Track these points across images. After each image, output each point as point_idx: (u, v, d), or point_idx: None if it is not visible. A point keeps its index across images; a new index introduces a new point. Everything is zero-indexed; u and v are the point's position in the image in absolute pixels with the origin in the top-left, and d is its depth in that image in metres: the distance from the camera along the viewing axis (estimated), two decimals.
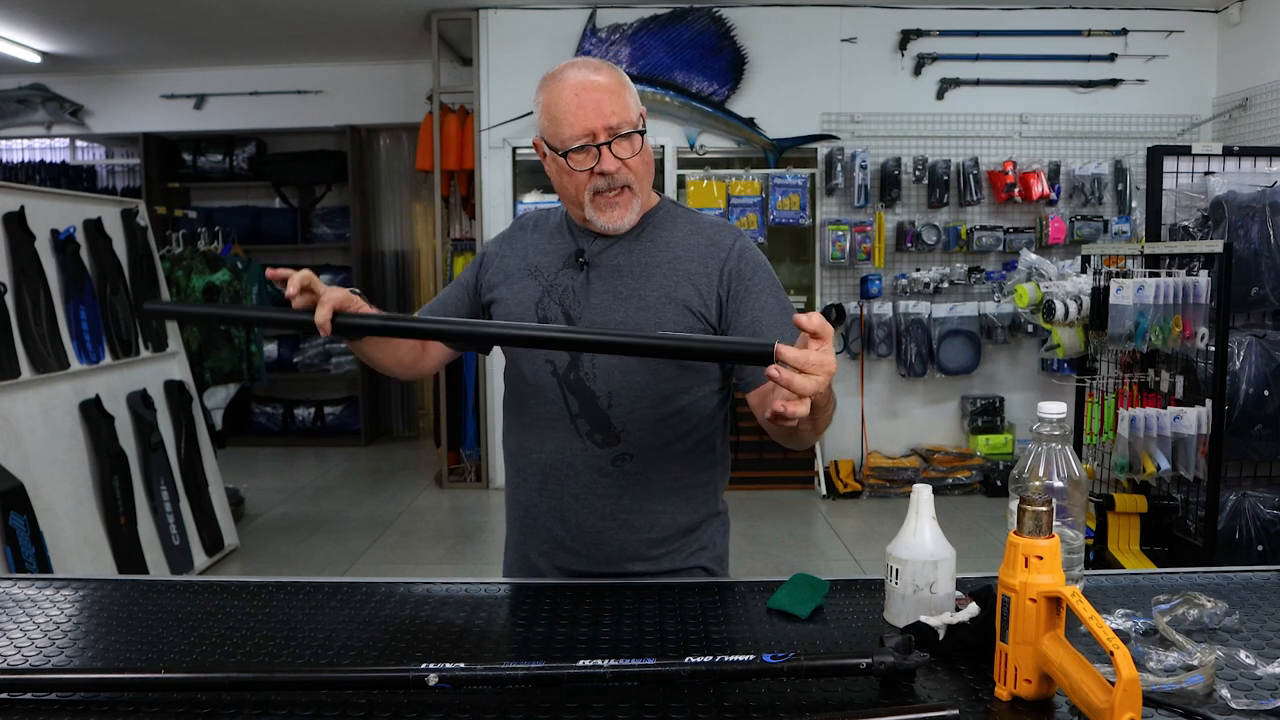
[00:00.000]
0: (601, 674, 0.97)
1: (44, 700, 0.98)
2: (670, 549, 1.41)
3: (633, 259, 1.38)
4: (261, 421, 6.78)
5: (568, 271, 1.40)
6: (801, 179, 5.14)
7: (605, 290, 1.37)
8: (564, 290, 1.39)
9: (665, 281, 1.37)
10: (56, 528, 3.08)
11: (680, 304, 1.36)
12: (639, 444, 1.37)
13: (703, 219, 1.46)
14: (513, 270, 1.45)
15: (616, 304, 1.36)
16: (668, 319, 1.35)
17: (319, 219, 6.87)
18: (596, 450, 1.37)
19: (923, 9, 5.13)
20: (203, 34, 5.56)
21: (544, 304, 1.39)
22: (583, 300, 1.37)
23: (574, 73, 1.33)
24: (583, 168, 1.32)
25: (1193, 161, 3.30)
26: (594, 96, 1.30)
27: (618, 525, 1.38)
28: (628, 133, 1.32)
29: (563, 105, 1.31)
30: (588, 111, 1.30)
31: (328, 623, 1.21)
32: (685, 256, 1.39)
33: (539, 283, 1.41)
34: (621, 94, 1.33)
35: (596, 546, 1.39)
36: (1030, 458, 1.16)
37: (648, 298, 1.36)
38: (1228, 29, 5.14)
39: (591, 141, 1.30)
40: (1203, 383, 3.01)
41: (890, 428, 5.38)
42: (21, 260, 3.18)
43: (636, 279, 1.37)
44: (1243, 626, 1.15)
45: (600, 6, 5.08)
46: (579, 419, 1.36)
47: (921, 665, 0.99)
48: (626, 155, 1.32)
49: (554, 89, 1.33)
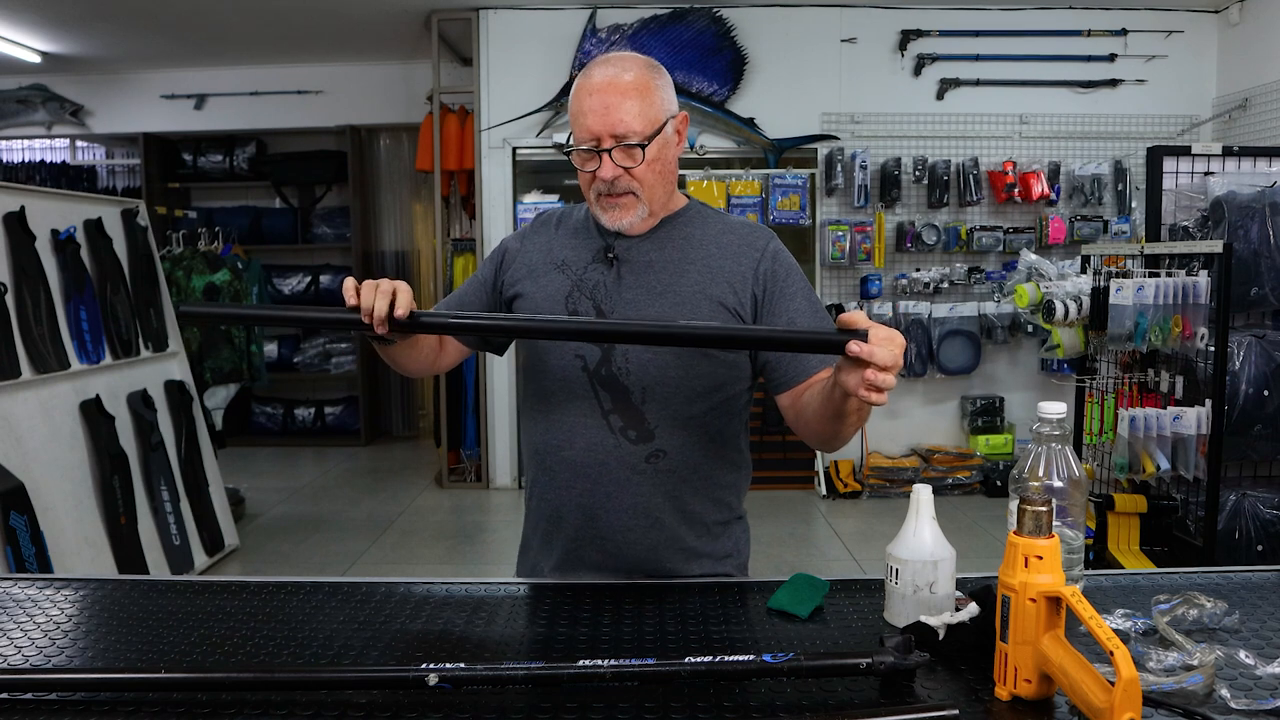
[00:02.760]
0: (601, 674, 0.97)
1: (44, 700, 0.98)
2: (699, 554, 1.40)
3: (665, 255, 1.38)
4: (261, 421, 6.77)
5: (597, 266, 1.39)
6: (801, 179, 5.14)
7: (638, 285, 1.36)
8: (594, 285, 1.37)
9: (699, 278, 1.36)
10: (57, 528, 3.08)
11: (715, 300, 1.35)
12: (672, 441, 1.35)
13: (734, 220, 1.46)
14: (537, 265, 1.43)
15: (651, 299, 1.35)
16: (703, 314, 1.34)
17: (319, 219, 6.87)
18: (630, 447, 1.34)
19: (923, 9, 5.13)
20: (203, 34, 5.56)
21: (574, 298, 1.37)
22: (615, 295, 1.36)
23: (602, 69, 1.32)
24: (585, 169, 1.33)
25: (1192, 161, 3.30)
26: (606, 100, 1.28)
27: (649, 524, 1.36)
28: (634, 143, 1.29)
29: (578, 102, 1.31)
30: (596, 115, 1.29)
31: (328, 623, 1.21)
32: (719, 254, 1.39)
33: (567, 277, 1.39)
34: (641, 99, 1.29)
35: (626, 546, 1.36)
36: (1030, 458, 1.16)
37: (682, 293, 1.35)
38: (1227, 29, 5.14)
39: (595, 146, 1.30)
40: (1202, 383, 3.01)
41: (890, 428, 5.38)
42: (22, 260, 3.18)
43: (670, 275, 1.37)
44: (1242, 626, 1.15)
45: (600, 7, 5.08)
46: (611, 415, 1.34)
47: (921, 665, 0.99)
48: (627, 164, 1.31)
49: (581, 82, 1.33)
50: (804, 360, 1.33)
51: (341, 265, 6.86)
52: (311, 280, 6.73)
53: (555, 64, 5.09)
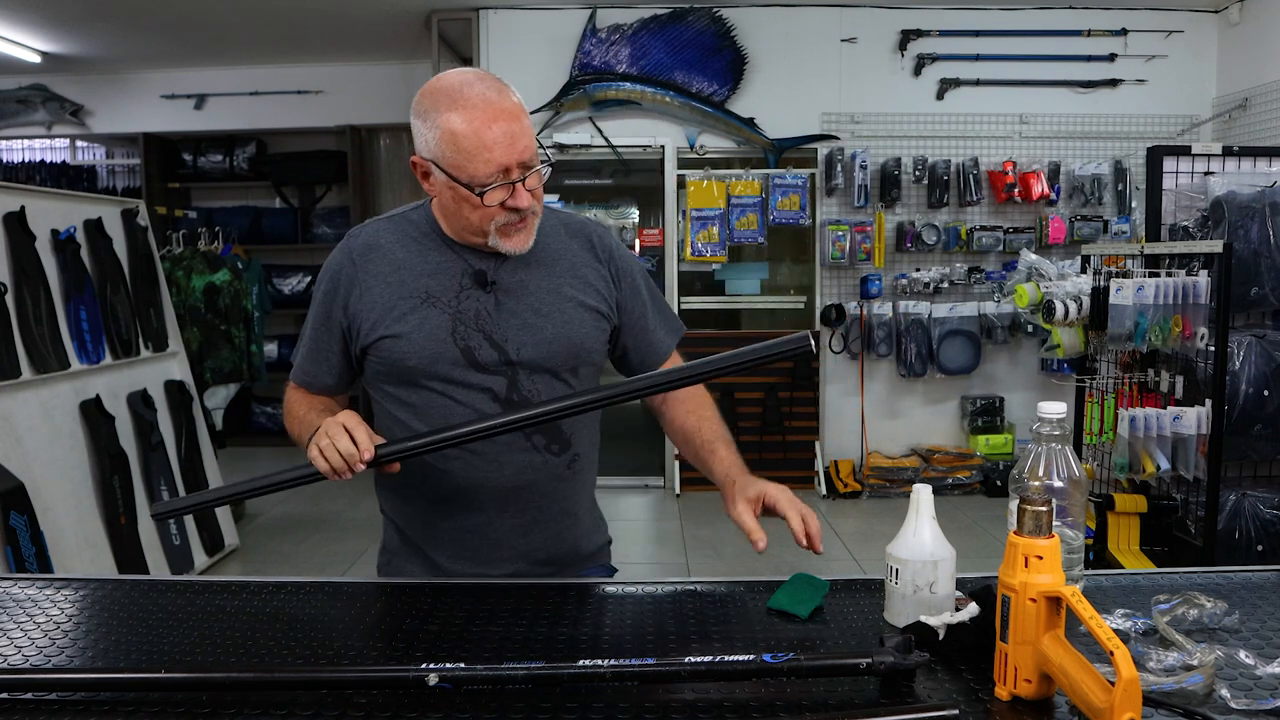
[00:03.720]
0: (601, 674, 0.97)
1: (44, 700, 0.98)
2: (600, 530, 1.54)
3: (532, 273, 1.36)
4: (262, 421, 6.77)
5: (470, 294, 1.33)
6: (801, 179, 5.14)
7: (521, 308, 1.34)
8: (476, 315, 1.33)
9: (572, 291, 1.38)
10: (57, 528, 3.08)
11: (592, 310, 1.40)
12: (584, 440, 1.43)
13: (559, 215, 1.45)
14: (394, 300, 1.33)
15: (540, 321, 1.35)
16: (588, 327, 1.39)
17: (319, 219, 6.87)
18: (555, 460, 1.39)
19: (923, 9, 5.13)
20: (203, 34, 5.56)
21: (460, 333, 1.32)
22: (501, 323, 1.33)
23: (479, 95, 1.23)
24: (495, 203, 1.26)
25: (1192, 161, 3.30)
26: (506, 128, 1.23)
27: (571, 521, 1.45)
28: (537, 166, 1.28)
29: (474, 138, 1.22)
30: (502, 148, 1.22)
31: (328, 623, 1.21)
32: (577, 262, 1.41)
33: (441, 310, 1.32)
34: (526, 120, 1.27)
35: (555, 546, 1.43)
36: (1030, 458, 1.16)
37: (566, 310, 1.37)
38: (1227, 29, 5.14)
39: (505, 179, 1.24)
40: (1202, 383, 3.01)
41: (890, 428, 5.38)
42: (22, 260, 3.18)
43: (546, 292, 1.36)
44: (1242, 626, 1.15)
45: (600, 6, 5.08)
46: (535, 435, 1.36)
47: (921, 665, 0.99)
48: (537, 187, 1.29)
49: (461, 115, 1.22)
50: (656, 349, 1.47)
51: None
52: (311, 280, 6.72)
53: (555, 64, 5.09)
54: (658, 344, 1.48)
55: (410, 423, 1.36)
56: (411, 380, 1.35)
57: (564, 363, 1.37)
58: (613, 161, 5.40)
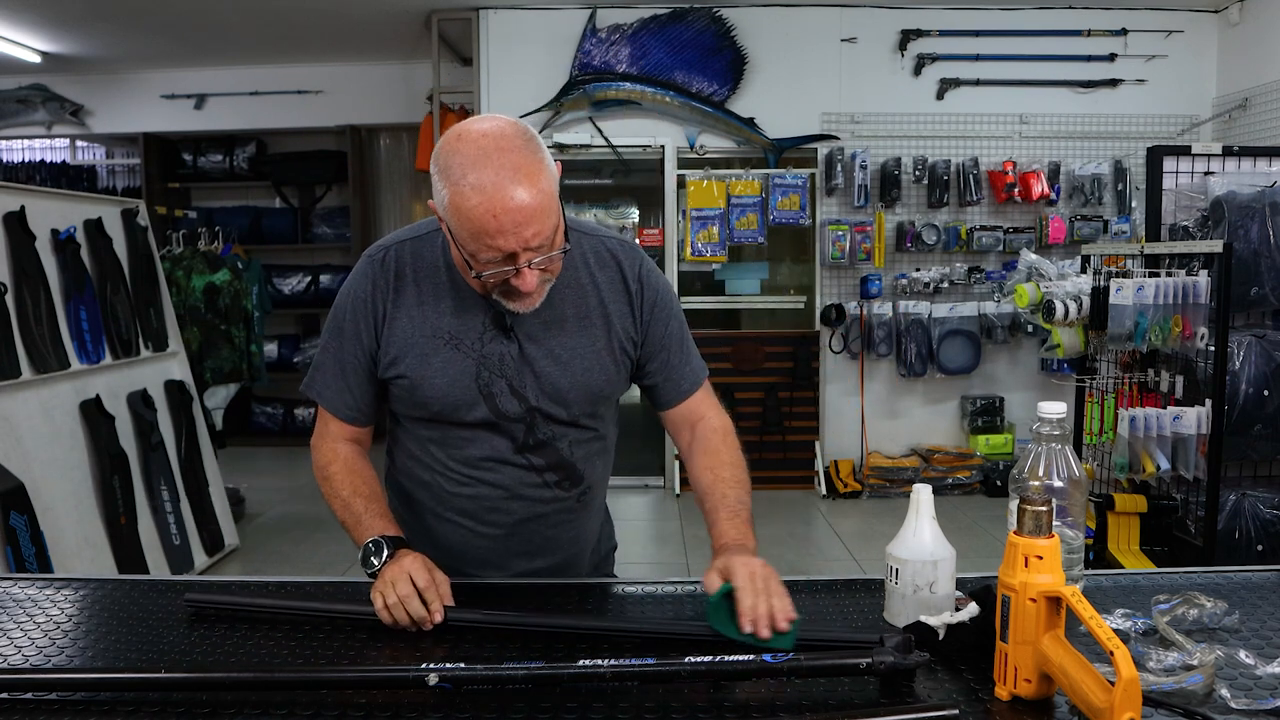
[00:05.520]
0: (601, 674, 0.97)
1: (44, 700, 0.99)
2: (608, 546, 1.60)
3: (555, 312, 1.31)
4: (262, 421, 6.77)
5: (493, 336, 1.30)
6: (801, 179, 5.14)
7: (541, 355, 1.31)
8: (500, 360, 1.30)
9: (597, 332, 1.34)
10: (57, 528, 3.08)
11: (617, 350, 1.36)
12: (595, 472, 1.44)
13: (586, 240, 1.36)
14: (417, 339, 1.30)
15: (560, 371, 1.32)
16: (609, 372, 1.36)
17: (319, 219, 6.87)
18: (565, 494, 1.40)
19: (923, 9, 5.13)
20: (203, 34, 5.55)
21: (484, 379, 1.30)
22: (524, 370, 1.31)
23: (493, 174, 1.11)
24: (494, 283, 1.20)
25: (1192, 161, 3.30)
26: (515, 218, 1.12)
27: (579, 548, 1.49)
28: (553, 252, 1.19)
29: (477, 223, 1.12)
30: (508, 237, 1.13)
31: (328, 623, 1.21)
32: (608, 298, 1.35)
33: (466, 355, 1.30)
34: (547, 202, 1.14)
35: (561, 572, 1.46)
36: (1030, 458, 1.16)
37: (586, 358, 1.33)
38: (1227, 29, 5.14)
39: (509, 263, 1.16)
40: (1202, 383, 3.01)
41: (890, 428, 5.38)
42: (22, 260, 3.18)
43: (569, 334, 1.33)
44: (1242, 626, 1.15)
45: (600, 6, 5.08)
46: (546, 473, 1.37)
47: (921, 665, 0.99)
48: (544, 267, 1.20)
49: (472, 191, 1.12)
50: (679, 384, 1.42)
51: (342, 265, 6.85)
52: (311, 280, 6.73)
53: (555, 64, 5.09)
54: (679, 383, 1.42)
55: (430, 449, 1.39)
56: (431, 417, 1.35)
57: (582, 410, 1.36)
58: (613, 161, 5.40)
